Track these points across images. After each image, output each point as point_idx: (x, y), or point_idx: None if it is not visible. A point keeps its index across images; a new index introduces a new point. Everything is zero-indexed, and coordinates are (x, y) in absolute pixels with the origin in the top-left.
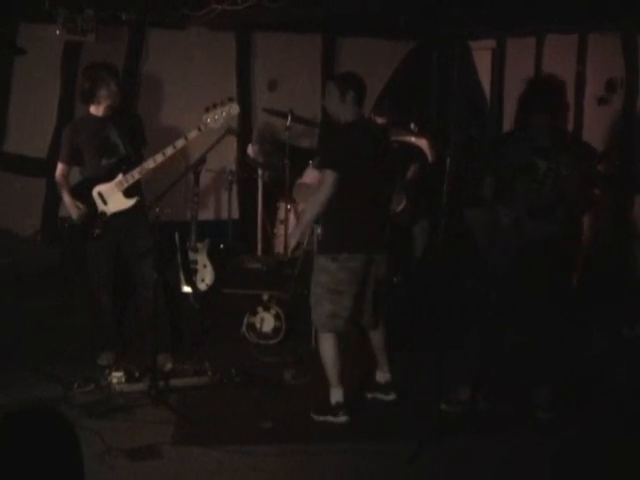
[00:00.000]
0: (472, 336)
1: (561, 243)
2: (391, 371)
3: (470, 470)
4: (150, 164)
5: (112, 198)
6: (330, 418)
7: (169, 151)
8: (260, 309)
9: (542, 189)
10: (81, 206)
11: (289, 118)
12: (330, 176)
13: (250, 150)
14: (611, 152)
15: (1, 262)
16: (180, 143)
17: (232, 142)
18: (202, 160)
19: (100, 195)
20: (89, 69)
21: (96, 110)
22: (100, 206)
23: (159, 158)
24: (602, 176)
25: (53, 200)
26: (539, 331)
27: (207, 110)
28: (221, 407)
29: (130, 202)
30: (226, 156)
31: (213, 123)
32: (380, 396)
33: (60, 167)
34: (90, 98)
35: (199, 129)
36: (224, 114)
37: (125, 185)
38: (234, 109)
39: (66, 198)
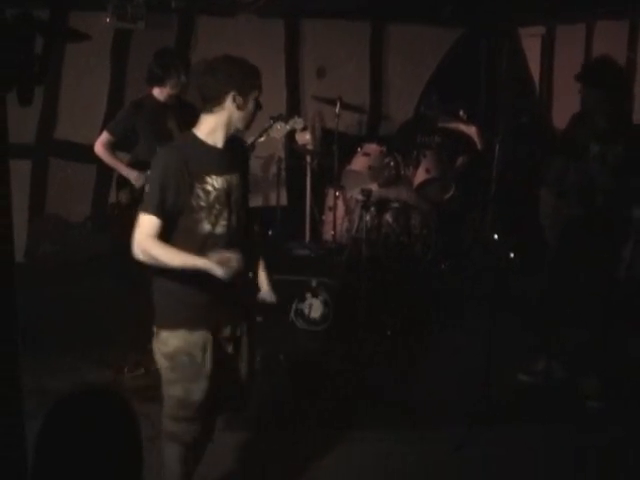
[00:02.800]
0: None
1: (598, 224)
2: None
3: (518, 458)
4: None
5: None
6: None
7: None
8: (308, 295)
9: (588, 170)
10: (143, 175)
11: (338, 105)
12: None
13: (299, 137)
14: None
15: (52, 248)
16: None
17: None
18: (251, 147)
19: None
20: (163, 55)
21: (159, 94)
22: None
23: None
24: None
25: (104, 187)
26: (585, 315)
27: (272, 119)
28: (270, 393)
29: None
30: (275, 143)
31: (276, 133)
32: None
33: (105, 136)
34: (158, 83)
35: (260, 135)
36: (288, 127)
37: None
38: (298, 124)
39: (124, 168)
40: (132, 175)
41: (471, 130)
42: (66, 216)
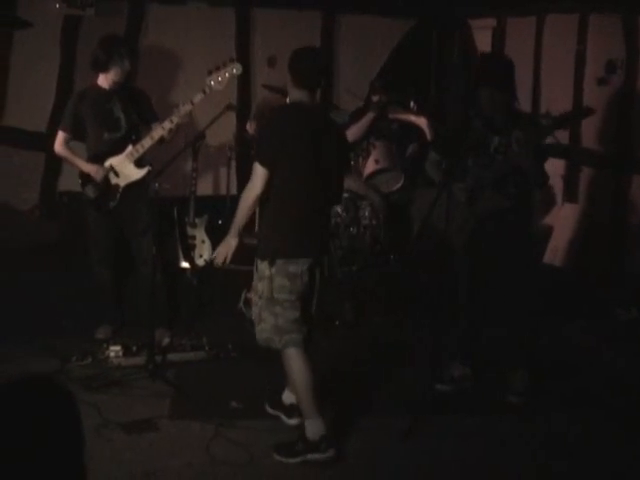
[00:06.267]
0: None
1: (513, 216)
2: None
3: (461, 447)
4: (159, 131)
5: (124, 170)
6: (314, 455)
7: (175, 117)
8: None
9: (493, 163)
10: (102, 168)
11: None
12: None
13: (249, 126)
14: (572, 117)
15: None
16: (186, 108)
17: (231, 118)
18: (201, 136)
19: (112, 168)
20: (107, 41)
21: (103, 82)
22: (113, 179)
23: (167, 125)
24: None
25: (52, 174)
26: (504, 307)
27: (210, 73)
28: (217, 381)
29: (142, 172)
30: (225, 132)
31: (217, 85)
32: (283, 418)
33: (61, 136)
34: (102, 69)
35: (204, 92)
36: (227, 75)
37: (136, 155)
38: (237, 68)
39: (83, 164)
40: (92, 169)
41: (421, 121)
42: (14, 204)
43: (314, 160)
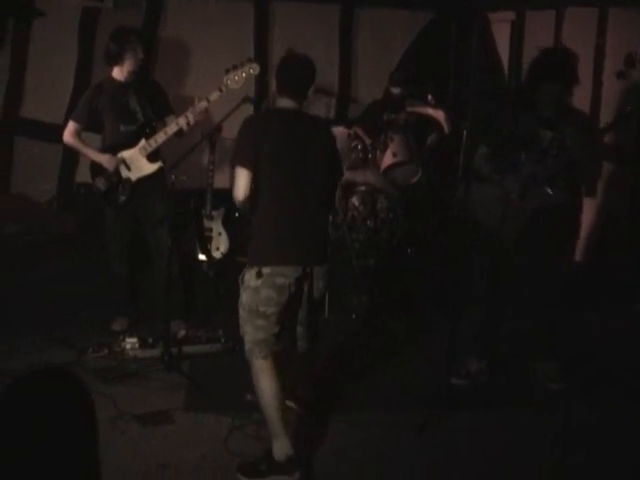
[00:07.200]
0: (477, 308)
1: (565, 212)
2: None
3: (476, 441)
4: (173, 128)
5: (136, 164)
6: (278, 477)
7: (190, 114)
8: None
9: (546, 159)
10: (114, 158)
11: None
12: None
13: None
14: (618, 124)
15: (16, 228)
16: (202, 105)
17: (248, 111)
18: (218, 128)
19: (123, 161)
20: (118, 32)
21: (119, 74)
22: (124, 172)
23: (182, 121)
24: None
25: (69, 166)
26: (544, 300)
27: (227, 71)
28: (233, 374)
29: (154, 166)
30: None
31: (234, 84)
32: (297, 410)
33: (71, 125)
34: (115, 60)
35: (220, 90)
36: (244, 75)
37: (149, 150)
38: (254, 69)
39: (94, 154)
40: (104, 159)
41: (439, 114)
42: (31, 195)
43: (298, 164)
